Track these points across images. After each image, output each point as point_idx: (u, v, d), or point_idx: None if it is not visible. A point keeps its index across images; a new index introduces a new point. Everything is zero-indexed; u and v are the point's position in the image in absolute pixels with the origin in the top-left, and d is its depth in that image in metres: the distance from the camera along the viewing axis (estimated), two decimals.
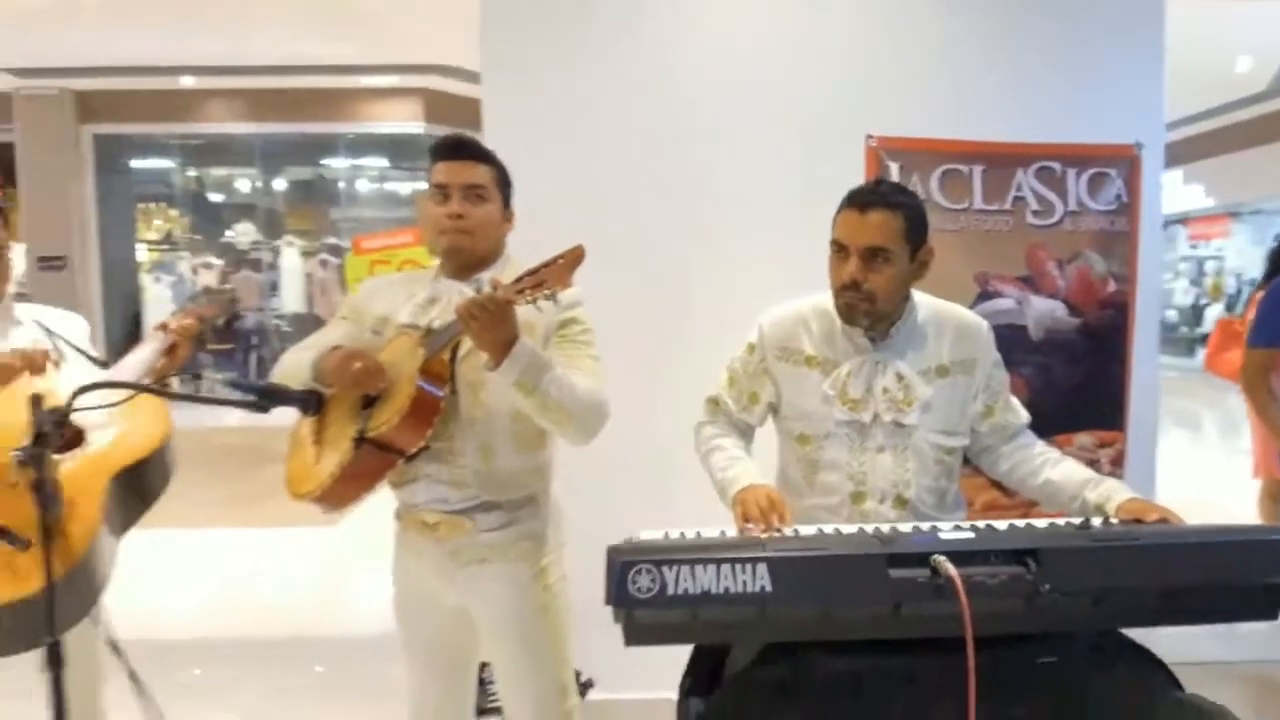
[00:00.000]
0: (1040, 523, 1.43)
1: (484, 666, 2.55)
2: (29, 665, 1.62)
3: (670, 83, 2.80)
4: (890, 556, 1.25)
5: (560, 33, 2.85)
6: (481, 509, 1.82)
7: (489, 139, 2.82)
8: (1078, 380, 2.42)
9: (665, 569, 1.23)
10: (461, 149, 1.85)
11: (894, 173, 2.39)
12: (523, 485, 1.86)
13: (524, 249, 1.75)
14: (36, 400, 1.45)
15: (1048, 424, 2.46)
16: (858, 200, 1.70)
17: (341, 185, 12.08)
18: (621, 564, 1.24)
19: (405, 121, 10.00)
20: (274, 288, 11.52)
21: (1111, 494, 1.61)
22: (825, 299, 1.80)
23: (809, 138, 2.63)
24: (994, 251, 2.40)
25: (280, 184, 12.25)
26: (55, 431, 1.49)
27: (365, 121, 10.29)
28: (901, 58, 2.64)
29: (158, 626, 3.77)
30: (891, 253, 1.67)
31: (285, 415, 1.84)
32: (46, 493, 1.49)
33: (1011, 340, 2.41)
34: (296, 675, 3.64)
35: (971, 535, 1.33)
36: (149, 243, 11.93)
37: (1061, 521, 1.45)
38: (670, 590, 1.23)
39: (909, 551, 1.26)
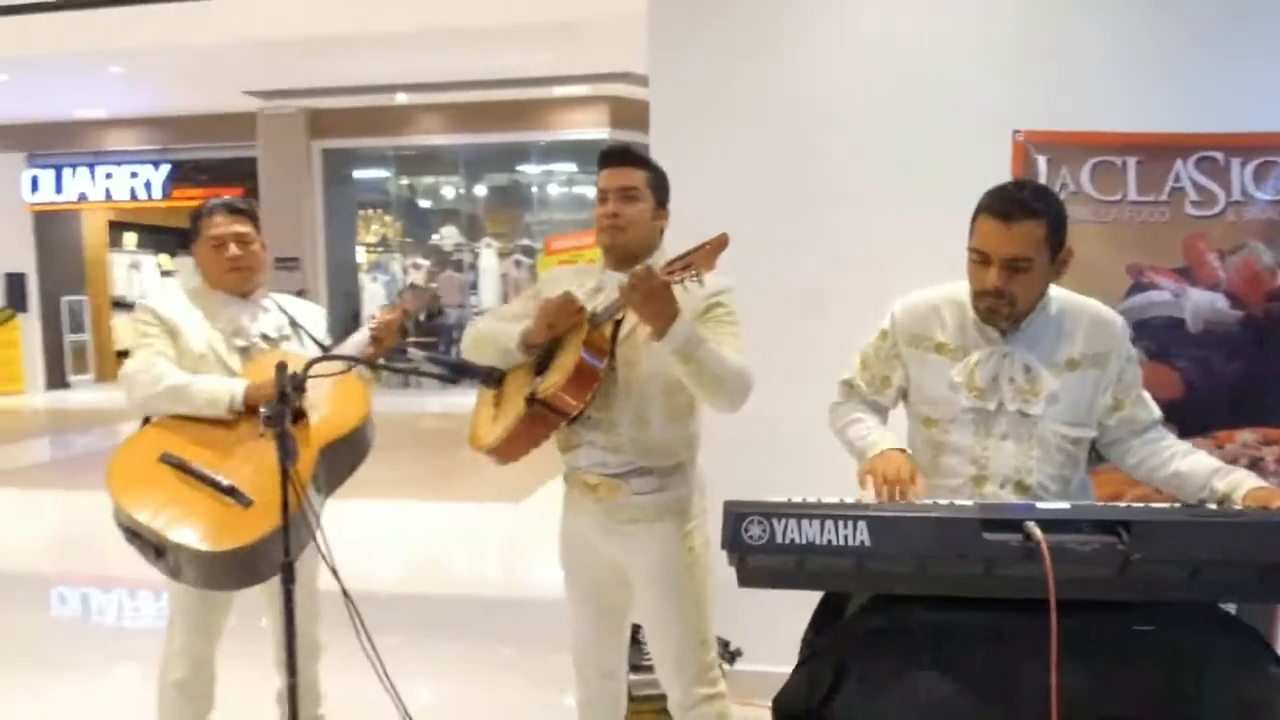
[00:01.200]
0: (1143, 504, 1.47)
1: (638, 629, 2.81)
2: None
3: (822, 80, 2.90)
4: (984, 521, 1.36)
5: (722, 36, 2.99)
6: (636, 474, 2.03)
7: (655, 140, 3.04)
8: (1240, 374, 2.31)
9: (774, 520, 1.40)
10: (616, 157, 2.09)
11: (1041, 166, 2.39)
12: (672, 454, 2.06)
13: (689, 240, 1.89)
14: (282, 366, 1.82)
15: (1207, 419, 2.39)
16: (999, 210, 1.71)
17: (534, 190, 12.76)
18: (736, 514, 1.42)
19: (591, 128, 10.49)
20: (473, 286, 12.38)
21: (1240, 483, 1.60)
22: (959, 289, 1.86)
23: (954, 133, 2.66)
24: (1148, 243, 2.34)
25: (480, 190, 13.09)
26: (294, 393, 1.86)
27: (555, 130, 10.87)
28: (1051, 49, 2.62)
29: (366, 581, 4.31)
30: (1033, 261, 1.69)
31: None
32: (286, 443, 1.85)
33: (1168, 333, 2.35)
34: (479, 632, 4.03)
35: (1068, 507, 1.40)
36: (367, 245, 13.15)
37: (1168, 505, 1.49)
38: (778, 539, 1.40)
39: (1003, 517, 1.36)
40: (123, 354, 14.18)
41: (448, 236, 12.74)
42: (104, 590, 4.60)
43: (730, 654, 2.91)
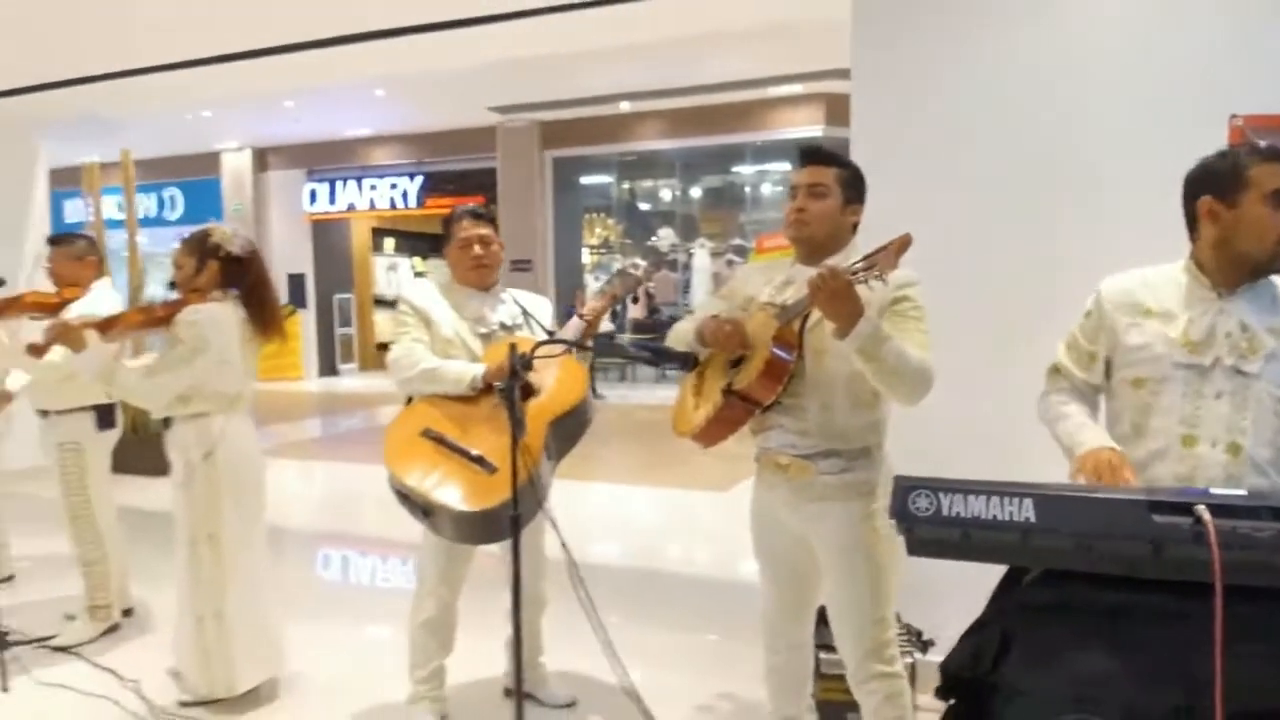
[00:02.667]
0: None
1: (825, 610, 2.91)
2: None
3: (1028, 69, 2.86)
4: (1153, 503, 1.39)
5: (925, 29, 3.02)
6: (823, 455, 2.16)
7: (855, 135, 3.11)
8: None
9: (942, 494, 1.51)
10: (808, 155, 2.23)
11: None
12: (858, 438, 2.17)
13: (889, 233, 1.96)
14: (513, 348, 2.13)
15: None
16: None
17: (748, 190, 12.91)
18: (904, 487, 1.54)
19: (806, 126, 10.46)
20: (687, 286, 12.76)
21: None
22: (1166, 267, 1.86)
23: (1168, 120, 2.56)
24: None
25: (696, 192, 13.44)
26: (523, 372, 2.17)
27: (770, 130, 10.92)
28: (1267, 31, 2.45)
29: (582, 557, 4.68)
30: None
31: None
32: (518, 415, 2.16)
33: None
34: (684, 611, 4.23)
35: (1244, 494, 1.40)
36: (590, 247, 13.89)
37: None
38: (944, 512, 1.50)
39: (1173, 500, 1.39)
40: (382, 346, 15.87)
41: (664, 237, 13.17)
42: (361, 554, 5.28)
43: (923, 644, 2.95)
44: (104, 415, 3.70)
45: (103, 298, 3.59)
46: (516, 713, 2.20)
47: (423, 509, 2.45)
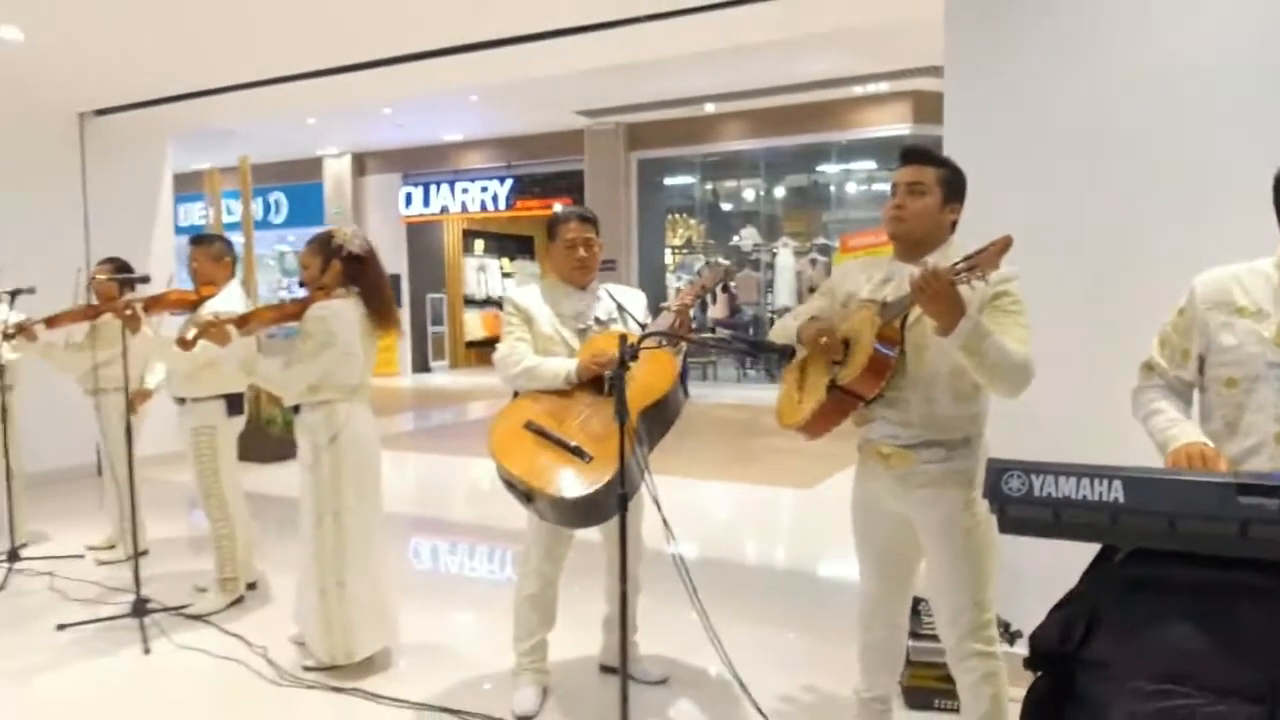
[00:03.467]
0: None
1: (919, 601, 2.98)
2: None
3: (1125, 67, 2.86)
4: (1241, 485, 1.45)
5: (1019, 26, 3.04)
6: (925, 445, 2.23)
7: (948, 133, 3.16)
8: None
9: (1033, 475, 1.58)
10: (907, 155, 2.29)
11: None
12: (959, 428, 2.24)
13: (982, 231, 2.04)
14: (623, 339, 2.28)
15: None
16: None
17: (832, 189, 12.83)
18: (996, 468, 1.62)
19: (893, 125, 10.38)
20: (769, 285, 12.76)
21: None
22: (1259, 262, 1.88)
23: (1261, 119, 2.55)
24: None
25: (779, 192, 13.43)
26: (629, 360, 2.30)
27: (856, 128, 10.86)
28: None
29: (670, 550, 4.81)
30: None
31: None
32: (623, 401, 2.30)
33: None
34: (770, 606, 4.31)
35: None
36: (673, 247, 14.02)
37: None
38: (1035, 492, 1.58)
39: (1263, 483, 1.44)
40: (471, 344, 16.35)
41: (747, 237, 13.19)
42: (454, 538, 5.52)
43: (1010, 635, 2.99)
44: (233, 403, 4.02)
45: (234, 296, 3.90)
46: (621, 685, 2.33)
47: (526, 495, 2.61)
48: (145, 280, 3.84)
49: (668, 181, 13.49)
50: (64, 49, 5.59)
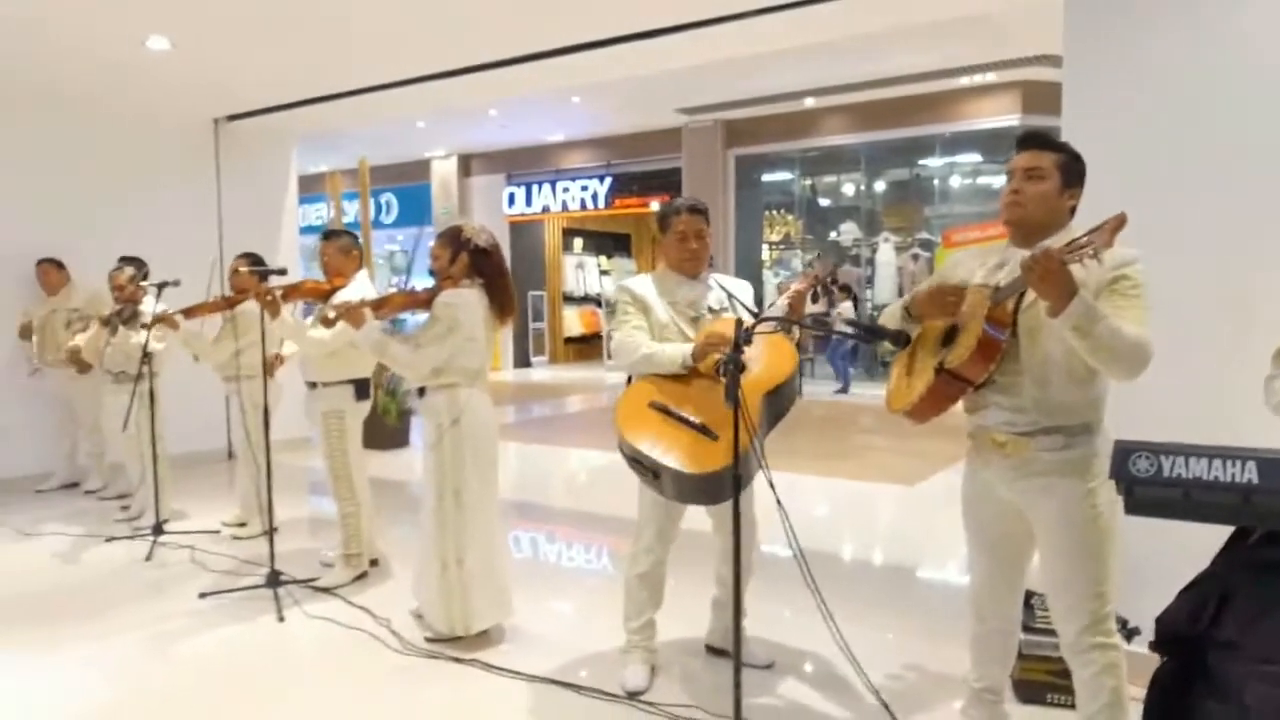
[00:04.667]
0: None
1: (1031, 594, 2.95)
2: None
3: (1252, 52, 2.77)
4: None
5: (1141, 12, 2.97)
6: (1043, 432, 2.19)
7: (1067, 122, 3.10)
8: None
9: (1163, 456, 1.59)
10: (1025, 140, 2.27)
11: None
12: (1076, 413, 2.19)
13: (1101, 218, 1.98)
14: (739, 323, 2.34)
15: None
16: None
17: (935, 183, 12.55)
18: (1123, 449, 1.63)
19: (1000, 116, 10.10)
20: (869, 281, 12.58)
21: None
22: None
23: None
24: None
25: (880, 186, 13.20)
26: (743, 346, 2.37)
27: (960, 120, 10.60)
28: None
29: (769, 543, 4.85)
30: None
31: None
32: (737, 385, 2.36)
33: None
34: (867, 604, 4.30)
35: None
36: (770, 243, 13.97)
37: None
38: (1165, 473, 1.58)
39: None
40: (569, 340, 16.67)
41: (846, 232, 13.04)
42: (551, 532, 5.67)
43: (1128, 632, 2.92)
44: (361, 388, 4.26)
45: (363, 286, 4.13)
46: (735, 665, 2.40)
47: (652, 471, 2.68)
48: (282, 273, 4.11)
49: (766, 178, 13.44)
50: (205, 59, 5.99)
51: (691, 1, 4.96)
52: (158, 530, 5.02)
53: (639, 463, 2.71)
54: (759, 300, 3.28)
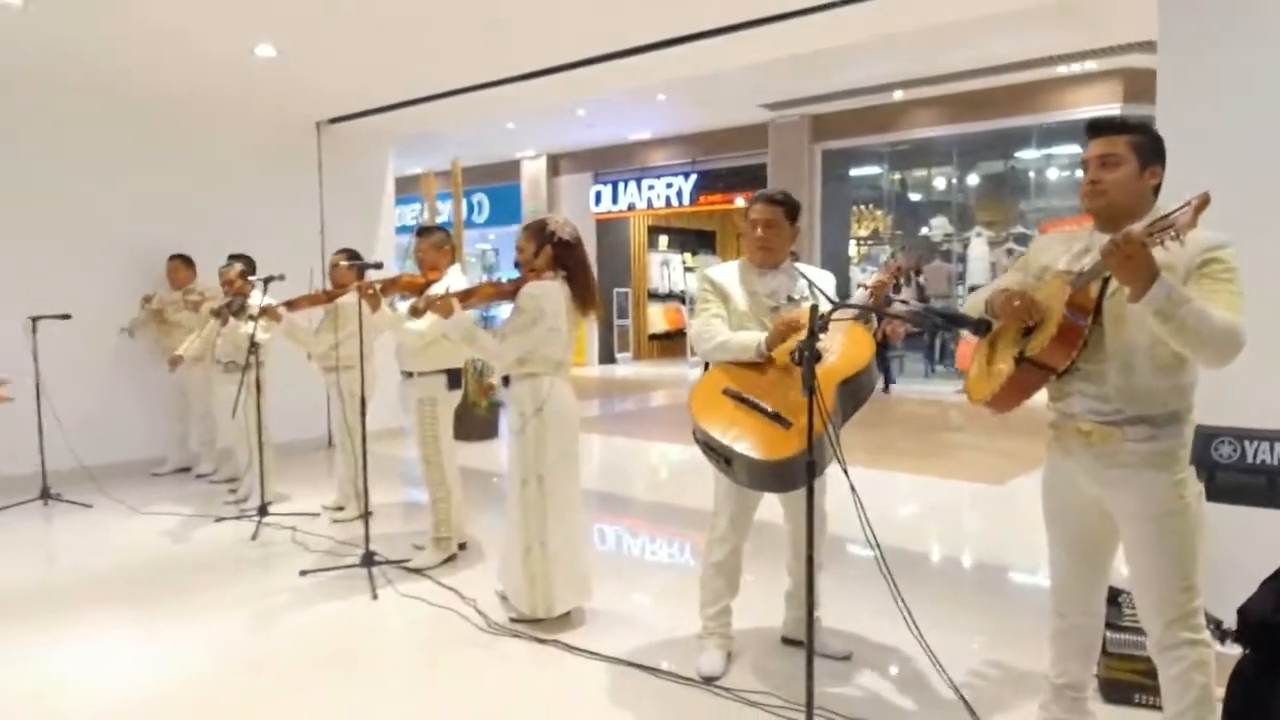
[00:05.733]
0: None
1: (1117, 592, 2.87)
2: None
3: None
4: None
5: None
6: (1130, 422, 2.14)
7: (1161, 110, 3.02)
8: None
9: (1247, 442, 1.56)
10: (1093, 128, 2.22)
11: None
12: (1163, 402, 2.12)
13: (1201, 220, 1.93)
14: (814, 309, 2.36)
15: None
16: None
17: (1031, 176, 12.14)
18: (1205, 435, 1.60)
19: (1101, 105, 9.70)
20: (961, 277, 12.28)
21: None
22: None
23: None
24: None
25: (972, 179, 12.84)
26: (819, 333, 2.38)
27: (1057, 111, 10.22)
28: None
29: (852, 539, 4.83)
30: None
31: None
32: (812, 371, 2.37)
33: None
34: (951, 604, 4.23)
35: None
36: (858, 239, 13.77)
37: None
38: (1249, 459, 1.55)
39: None
40: (654, 337, 16.78)
41: (937, 227, 12.74)
42: (632, 522, 5.75)
43: (1221, 633, 2.82)
44: (453, 377, 4.44)
45: (455, 279, 4.30)
46: (808, 653, 2.42)
47: (724, 458, 2.72)
48: (378, 267, 4.31)
49: (853, 172, 13.24)
50: (309, 64, 6.30)
51: None
52: (262, 512, 5.31)
53: (712, 449, 2.75)
54: (843, 293, 3.28)
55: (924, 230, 13.06)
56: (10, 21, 5.18)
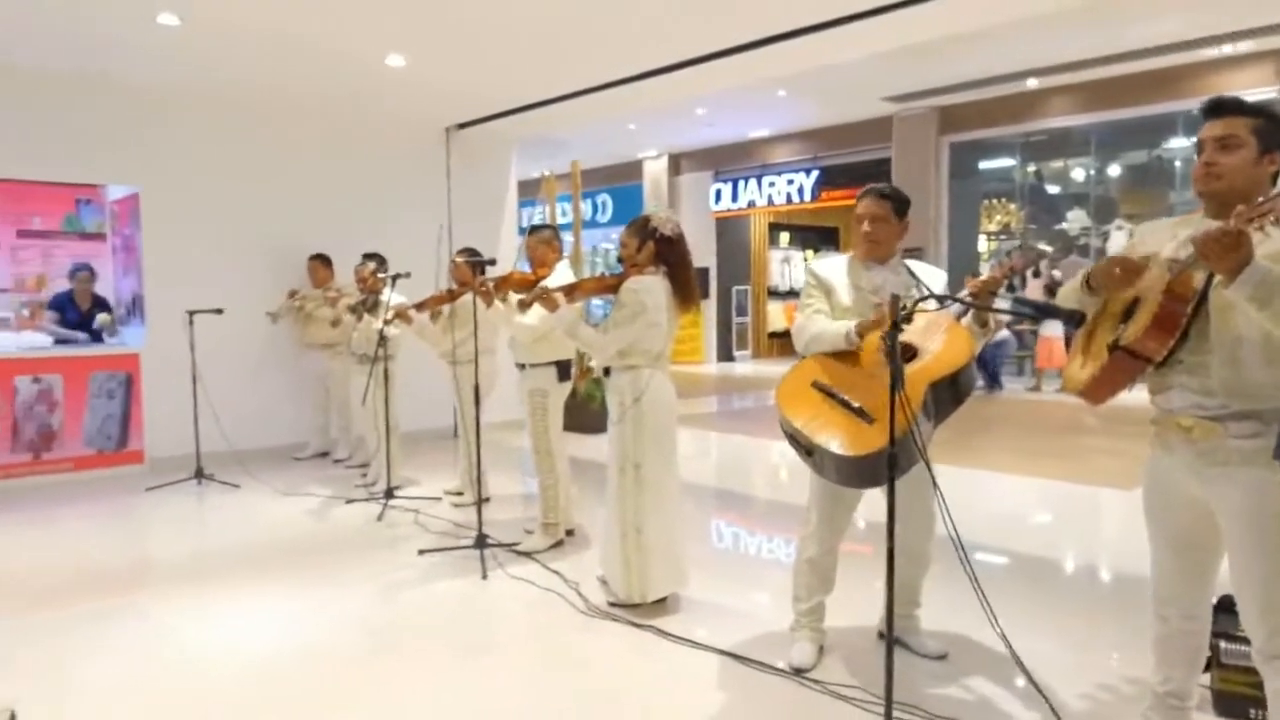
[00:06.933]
0: None
1: (1234, 602, 2.71)
2: None
3: None
4: None
5: None
6: (1234, 417, 2.05)
7: None
8: None
9: None
10: (1212, 109, 2.13)
11: None
12: (1270, 397, 2.02)
13: None
14: (895, 299, 2.34)
15: None
16: None
17: (1178, 165, 11.38)
18: None
19: (1254, 89, 9.01)
20: None
21: None
22: None
23: None
24: None
25: (1114, 170, 12.15)
26: (902, 325, 2.36)
27: (1208, 95, 9.60)
28: None
29: (975, 536, 4.70)
30: None
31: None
32: (897, 364, 2.35)
33: None
34: (1074, 605, 4.08)
35: None
36: (988, 234, 13.25)
37: None
38: None
39: None
40: (773, 335, 16.68)
41: (1074, 220, 12.12)
42: (742, 515, 5.78)
43: None
44: (563, 369, 4.62)
45: (563, 275, 4.46)
46: (887, 647, 2.42)
47: (806, 449, 2.75)
48: (493, 263, 4.53)
49: (983, 165, 12.78)
50: (438, 72, 6.64)
51: None
52: (389, 495, 5.66)
53: (795, 439, 2.78)
54: (958, 291, 3.20)
55: (1061, 224, 12.44)
56: (170, 39, 5.72)
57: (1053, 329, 10.68)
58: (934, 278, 3.11)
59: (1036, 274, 11.02)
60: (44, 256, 7.54)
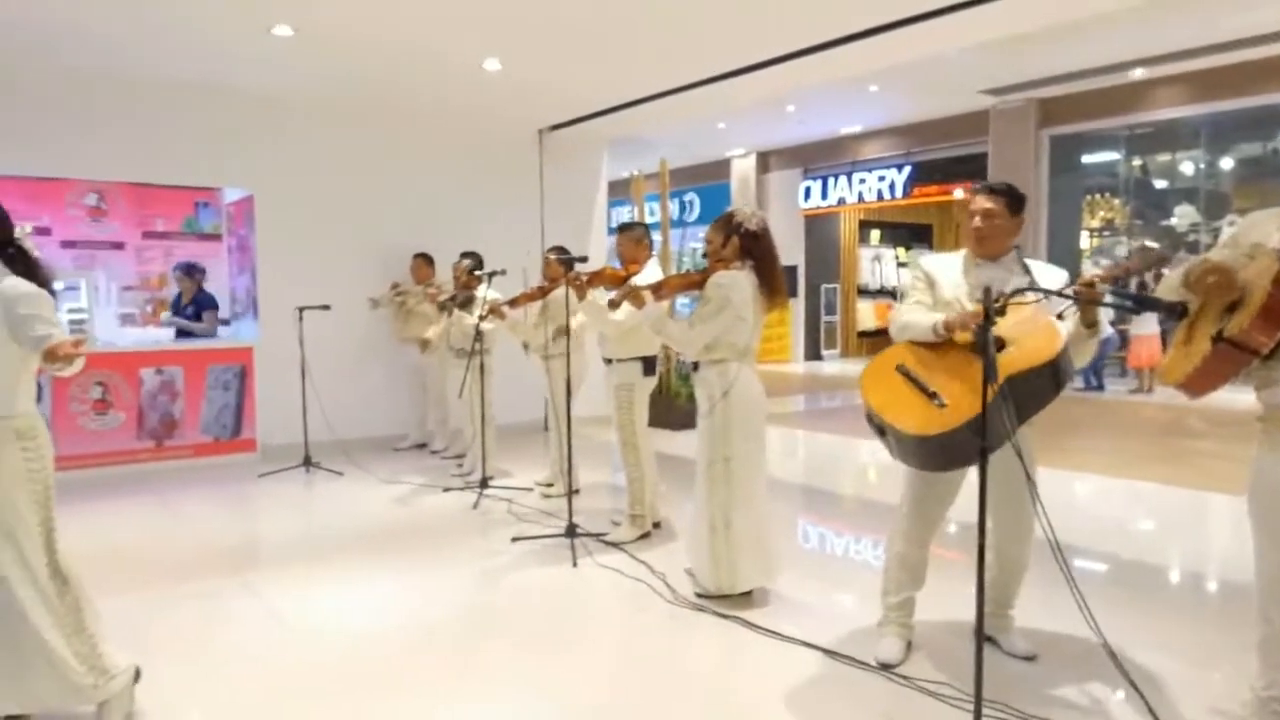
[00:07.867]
0: None
1: None
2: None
3: None
4: None
5: None
6: None
7: None
8: None
9: None
10: None
11: None
12: None
13: None
14: (988, 291, 2.33)
15: None
16: None
17: None
18: None
19: None
20: None
21: None
22: None
23: None
24: None
25: (1225, 163, 11.56)
26: (995, 316, 2.33)
27: None
28: None
29: (1074, 538, 4.58)
30: None
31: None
32: (990, 355, 2.32)
33: None
34: (1172, 617, 3.95)
35: None
36: (1091, 230, 12.76)
37: None
38: None
39: None
40: (863, 334, 16.44)
41: (1183, 216, 11.56)
42: (830, 513, 5.75)
43: None
44: (648, 364, 4.71)
45: (653, 272, 4.54)
46: (976, 643, 2.41)
47: (879, 428, 2.81)
48: (584, 260, 4.65)
49: (1085, 159, 12.32)
50: (532, 75, 6.82)
51: None
52: (484, 484, 5.85)
53: (871, 419, 2.82)
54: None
55: (1169, 220, 11.89)
56: (283, 49, 6.04)
57: (1147, 325, 10.22)
58: (1053, 276, 3.00)
59: (1158, 278, 10.56)
60: (165, 256, 8.07)
